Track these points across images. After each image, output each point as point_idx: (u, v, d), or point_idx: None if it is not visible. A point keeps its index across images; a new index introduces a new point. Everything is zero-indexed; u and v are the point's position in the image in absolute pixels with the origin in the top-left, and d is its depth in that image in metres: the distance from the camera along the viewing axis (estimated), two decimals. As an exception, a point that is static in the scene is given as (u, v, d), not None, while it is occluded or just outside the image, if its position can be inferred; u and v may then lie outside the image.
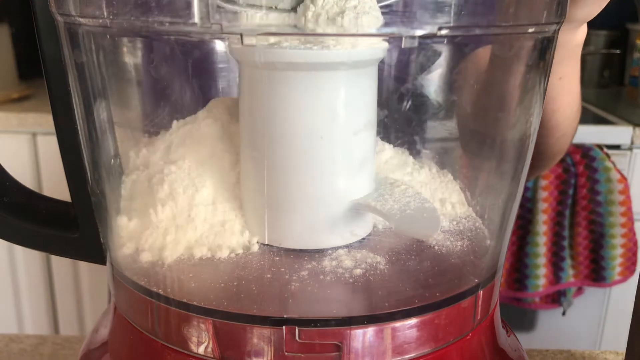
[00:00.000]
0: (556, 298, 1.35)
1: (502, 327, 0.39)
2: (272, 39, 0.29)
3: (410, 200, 0.34)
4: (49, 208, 0.38)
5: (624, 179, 1.26)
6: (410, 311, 0.31)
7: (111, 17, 0.29)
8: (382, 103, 0.37)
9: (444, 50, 0.35)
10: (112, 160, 0.36)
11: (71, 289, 1.43)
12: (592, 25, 0.49)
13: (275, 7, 0.27)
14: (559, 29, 0.34)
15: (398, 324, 0.31)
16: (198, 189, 0.33)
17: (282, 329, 0.29)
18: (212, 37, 0.32)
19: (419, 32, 0.27)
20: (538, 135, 0.57)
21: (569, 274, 1.32)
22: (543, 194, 1.26)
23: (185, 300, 0.31)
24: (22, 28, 1.45)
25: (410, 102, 0.39)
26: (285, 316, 0.30)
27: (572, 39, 0.48)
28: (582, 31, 0.48)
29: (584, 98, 0.69)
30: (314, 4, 0.27)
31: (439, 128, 0.41)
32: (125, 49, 0.35)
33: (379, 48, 0.31)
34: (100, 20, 0.30)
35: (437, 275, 0.33)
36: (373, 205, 0.33)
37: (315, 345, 0.30)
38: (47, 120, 1.31)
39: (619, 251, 1.29)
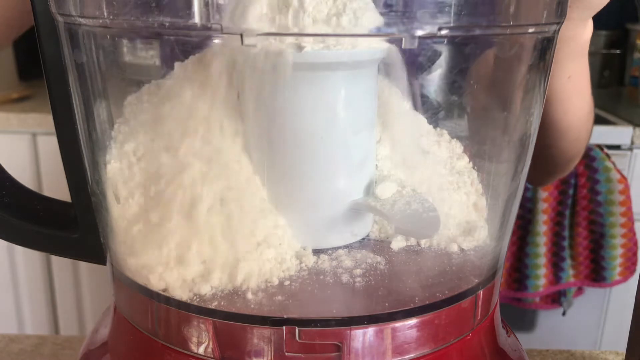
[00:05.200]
0: (556, 298, 1.36)
1: (502, 327, 0.39)
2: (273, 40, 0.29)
3: (410, 200, 0.34)
4: (49, 208, 0.38)
5: (624, 179, 1.26)
6: (410, 311, 0.31)
7: (111, 17, 0.29)
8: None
9: (444, 50, 0.35)
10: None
11: (71, 289, 1.44)
12: (593, 25, 0.49)
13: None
14: (559, 29, 0.34)
15: (398, 324, 0.31)
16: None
17: (282, 329, 0.29)
18: (212, 37, 0.32)
19: (419, 32, 0.27)
20: (550, 139, 0.56)
21: (569, 274, 1.32)
22: (543, 194, 1.26)
23: (185, 300, 0.31)
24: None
25: (410, 102, 0.39)
26: (285, 316, 0.30)
27: (582, 34, 0.47)
28: (589, 27, 0.47)
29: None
30: (313, 4, 0.27)
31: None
32: (125, 49, 0.35)
33: (379, 48, 0.31)
34: (100, 20, 0.30)
35: (437, 275, 0.33)
36: (373, 205, 0.33)
37: (315, 346, 0.30)
38: (47, 120, 1.31)
39: (619, 251, 1.29)
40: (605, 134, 1.29)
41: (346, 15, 0.27)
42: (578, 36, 0.47)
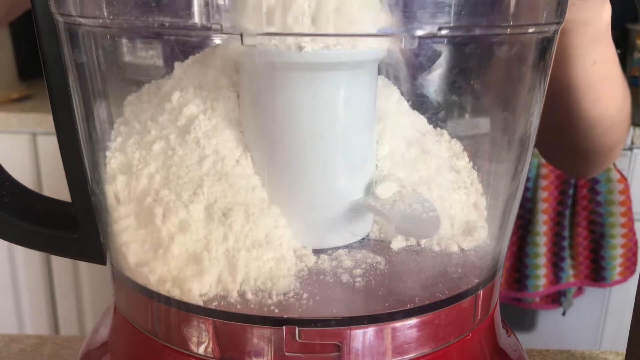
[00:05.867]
0: (556, 298, 1.36)
1: (502, 327, 0.39)
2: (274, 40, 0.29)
3: (410, 200, 0.34)
4: (49, 208, 0.38)
5: (624, 179, 1.26)
6: (410, 311, 0.31)
7: (111, 17, 0.29)
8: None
9: (444, 50, 0.35)
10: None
11: (71, 289, 1.44)
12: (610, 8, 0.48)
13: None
14: (559, 29, 0.34)
15: (398, 324, 0.31)
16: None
17: (282, 329, 0.29)
18: (212, 37, 0.32)
19: (419, 32, 0.27)
20: (584, 130, 0.54)
21: (569, 274, 1.32)
22: (543, 194, 1.26)
23: (185, 300, 0.31)
24: (22, 28, 1.45)
25: (410, 102, 0.39)
26: (285, 316, 0.30)
27: (599, 17, 0.46)
28: (607, 9, 0.46)
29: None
30: (313, 4, 0.27)
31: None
32: (125, 49, 0.35)
33: (379, 48, 0.32)
34: (100, 20, 0.30)
35: (437, 275, 0.33)
36: (373, 205, 0.33)
37: (315, 345, 0.30)
38: (47, 120, 1.31)
39: (619, 251, 1.29)
40: (605, 134, 1.29)
41: (346, 15, 0.27)
42: (595, 19, 0.45)
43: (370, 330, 0.30)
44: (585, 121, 0.53)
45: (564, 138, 0.57)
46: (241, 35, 0.27)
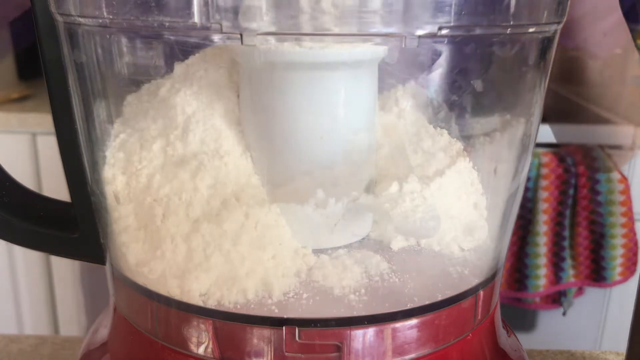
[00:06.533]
0: (556, 298, 1.35)
1: (503, 327, 0.39)
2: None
3: (411, 201, 0.34)
4: (49, 208, 0.38)
5: (624, 179, 1.26)
6: (411, 311, 0.31)
7: (111, 17, 0.29)
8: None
9: (445, 50, 0.35)
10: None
11: (71, 289, 1.43)
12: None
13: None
14: (559, 29, 0.34)
15: (398, 325, 0.31)
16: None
17: (282, 329, 0.29)
18: (212, 37, 0.32)
19: (419, 32, 0.27)
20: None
21: (570, 274, 1.32)
22: (543, 194, 1.26)
23: (185, 300, 0.31)
24: (22, 28, 1.45)
25: (410, 102, 0.39)
26: (285, 316, 0.30)
27: None
28: None
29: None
30: (313, 3, 0.27)
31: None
32: (125, 49, 0.35)
33: (379, 48, 0.31)
34: (100, 20, 0.30)
35: (437, 275, 0.33)
36: (373, 205, 0.33)
37: (315, 346, 0.30)
38: (47, 120, 1.31)
39: (619, 251, 1.29)
40: (605, 134, 1.28)
41: (346, 15, 0.27)
42: None
43: (371, 331, 0.30)
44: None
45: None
46: (241, 35, 0.27)
